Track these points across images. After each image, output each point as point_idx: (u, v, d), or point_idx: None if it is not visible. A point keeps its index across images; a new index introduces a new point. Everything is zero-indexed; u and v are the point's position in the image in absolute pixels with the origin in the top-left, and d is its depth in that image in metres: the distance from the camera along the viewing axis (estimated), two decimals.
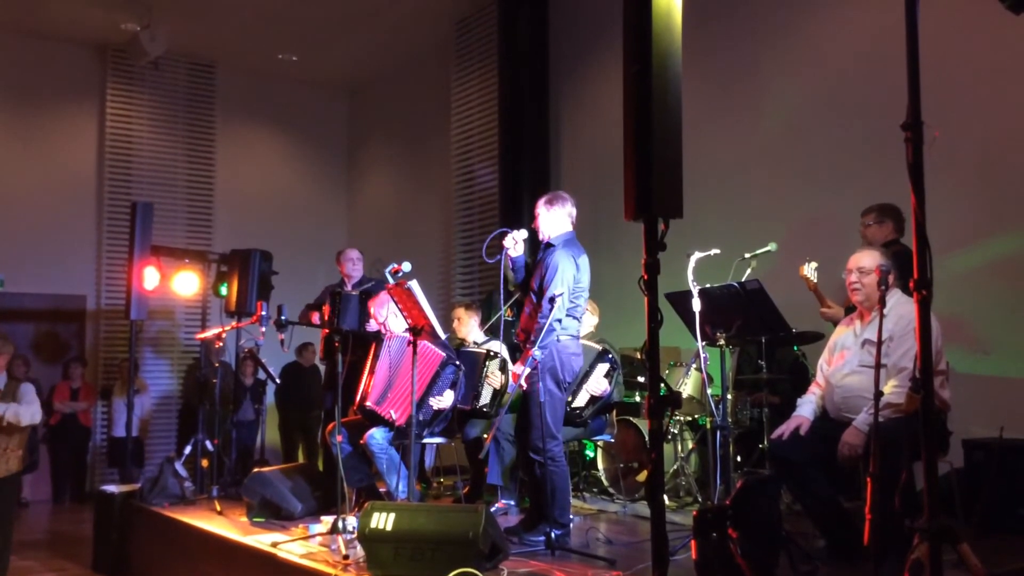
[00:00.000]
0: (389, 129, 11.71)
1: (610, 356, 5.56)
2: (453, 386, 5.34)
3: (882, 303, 3.31)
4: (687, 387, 6.06)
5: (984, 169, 5.81)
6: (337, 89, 12.19)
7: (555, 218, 4.78)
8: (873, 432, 3.05)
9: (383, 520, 3.91)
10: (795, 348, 6.02)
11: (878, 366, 3.05)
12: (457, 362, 5.33)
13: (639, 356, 6.33)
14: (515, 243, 4.65)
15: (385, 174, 11.88)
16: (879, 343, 3.09)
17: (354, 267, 6.65)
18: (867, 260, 4.10)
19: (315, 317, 6.41)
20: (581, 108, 8.72)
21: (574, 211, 4.86)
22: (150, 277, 7.25)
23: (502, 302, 4.84)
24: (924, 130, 2.73)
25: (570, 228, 4.81)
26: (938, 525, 2.57)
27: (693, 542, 3.67)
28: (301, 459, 9.48)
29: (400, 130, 11.49)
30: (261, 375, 8.57)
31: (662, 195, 2.68)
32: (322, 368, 7.72)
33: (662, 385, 2.73)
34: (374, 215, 11.87)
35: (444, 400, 5.33)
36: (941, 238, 5.73)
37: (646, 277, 2.69)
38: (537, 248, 4.86)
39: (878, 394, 3.01)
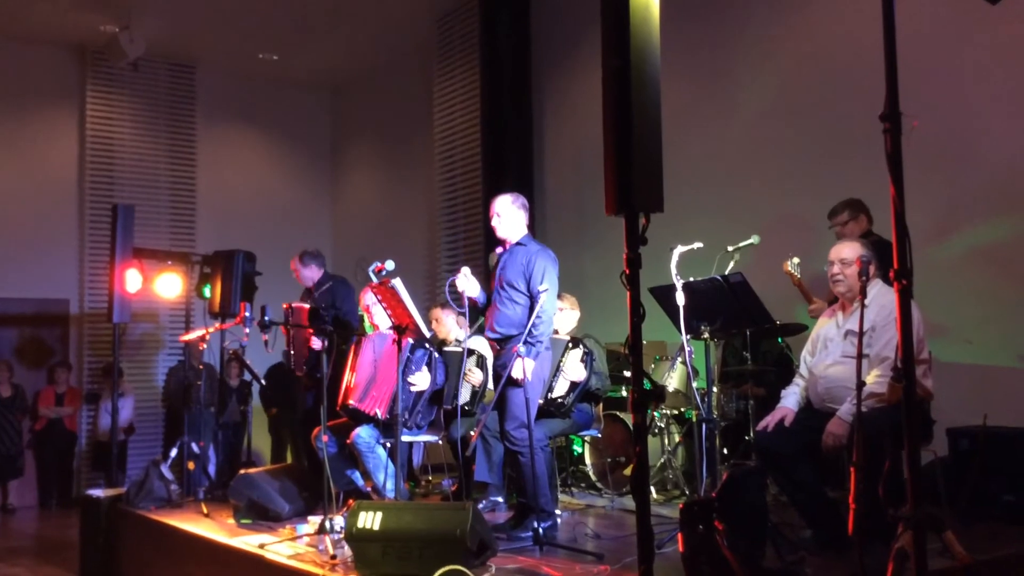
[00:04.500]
0: (372, 128, 11.68)
1: (581, 342, 5.57)
2: (428, 366, 5.33)
3: (863, 294, 3.32)
4: (673, 381, 6.07)
5: (959, 160, 5.84)
6: (319, 88, 12.14)
7: (520, 219, 4.84)
8: (856, 422, 3.06)
9: (370, 519, 3.90)
10: (779, 340, 6.05)
11: (860, 356, 3.06)
12: (427, 345, 5.31)
13: (623, 350, 6.33)
14: (468, 281, 4.69)
15: (369, 173, 11.85)
16: (860, 333, 3.11)
17: (301, 276, 6.56)
18: (848, 251, 4.13)
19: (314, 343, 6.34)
20: (564, 104, 8.73)
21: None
22: (132, 280, 7.20)
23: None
24: (902, 120, 2.74)
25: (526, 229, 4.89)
26: (922, 513, 2.58)
27: (680, 535, 3.69)
28: (289, 460, 9.45)
29: (383, 128, 11.46)
30: (247, 376, 8.54)
31: (642, 190, 2.68)
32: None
33: (646, 379, 2.74)
34: (358, 214, 11.84)
35: (421, 380, 5.32)
36: (920, 229, 5.78)
37: (628, 271, 2.69)
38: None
39: (860, 384, 3.02)
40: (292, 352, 6.53)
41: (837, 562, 3.79)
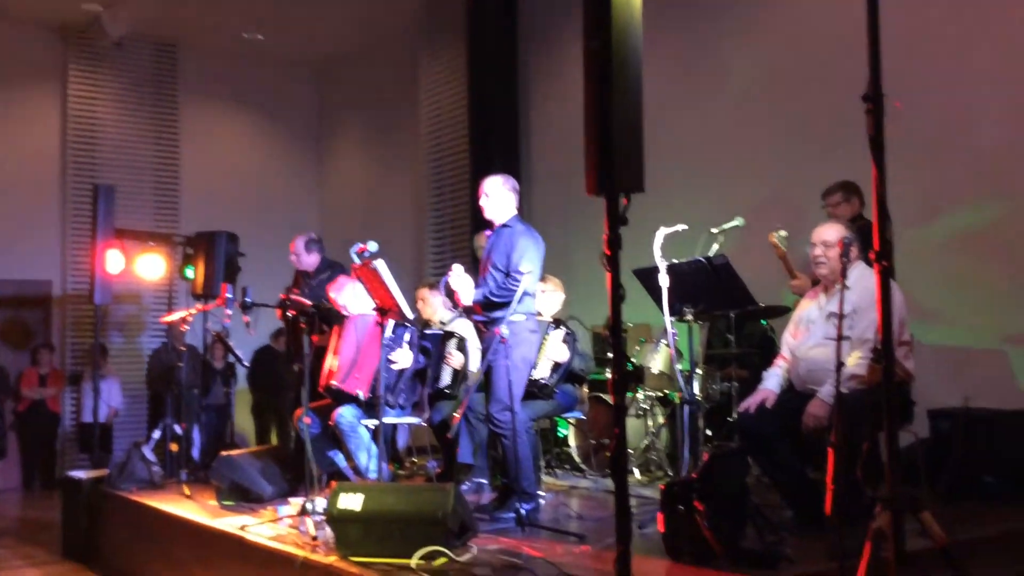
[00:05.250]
0: (358, 108, 11.60)
1: (563, 323, 5.57)
2: (410, 345, 5.32)
3: (844, 275, 3.32)
4: (657, 363, 6.08)
5: (942, 144, 5.85)
6: (304, 68, 12.04)
7: (509, 201, 4.81)
8: (836, 403, 3.07)
9: (351, 501, 3.89)
10: (763, 322, 6.06)
11: (840, 338, 3.06)
12: (408, 324, 5.29)
13: (604, 332, 6.34)
14: (460, 280, 4.68)
15: (355, 153, 11.79)
16: (840, 315, 3.11)
17: (300, 260, 6.40)
18: (830, 233, 4.12)
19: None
20: (551, 85, 8.69)
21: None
22: (114, 261, 7.15)
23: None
24: (885, 102, 2.73)
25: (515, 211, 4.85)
26: (899, 494, 2.59)
27: (660, 515, 3.70)
28: (274, 443, 9.44)
29: (370, 108, 11.39)
30: (231, 358, 8.51)
31: (623, 170, 2.67)
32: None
33: (627, 360, 2.73)
34: (345, 195, 11.78)
35: (402, 358, 5.31)
36: (904, 212, 5.79)
37: (608, 252, 2.68)
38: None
39: (839, 365, 3.03)
40: (292, 346, 6.50)
41: (817, 542, 3.79)
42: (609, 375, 6.38)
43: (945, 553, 2.70)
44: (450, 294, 4.76)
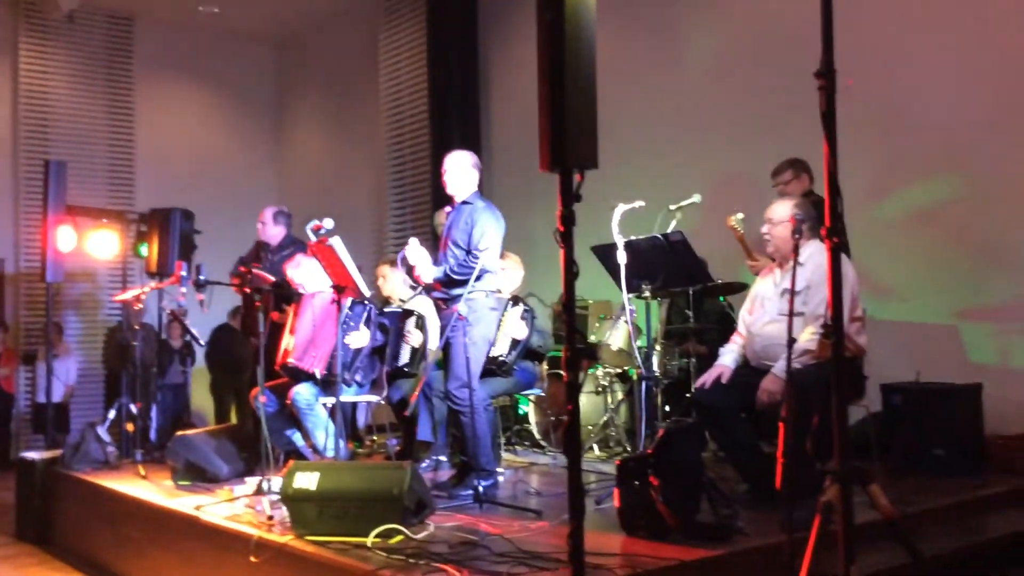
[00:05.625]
0: (317, 83, 11.47)
1: (520, 300, 5.57)
2: (367, 323, 5.29)
3: (796, 252, 3.34)
4: (616, 340, 6.09)
5: (895, 122, 5.91)
6: (262, 42, 11.86)
7: (471, 177, 4.79)
8: (787, 378, 3.10)
9: (307, 480, 3.86)
10: (721, 299, 6.09)
11: (791, 314, 3.09)
12: (366, 302, 5.26)
13: (557, 308, 6.34)
14: (417, 252, 4.65)
15: (315, 129, 11.65)
16: (792, 292, 3.13)
17: (265, 230, 6.32)
18: (779, 211, 4.16)
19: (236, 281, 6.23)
20: (512, 60, 8.64)
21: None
22: (65, 238, 7.01)
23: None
24: (837, 78, 2.74)
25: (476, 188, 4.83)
26: (848, 467, 2.62)
27: (616, 490, 3.73)
28: (233, 422, 9.36)
29: (329, 84, 11.26)
30: (189, 337, 8.40)
31: (576, 146, 2.65)
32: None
33: (579, 337, 2.73)
34: (304, 171, 11.66)
35: (360, 337, 5.27)
36: (858, 189, 5.86)
37: (561, 228, 2.66)
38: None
39: (791, 341, 3.05)
40: (247, 321, 6.43)
41: (771, 516, 3.84)
42: None
43: (892, 525, 2.74)
44: (409, 269, 4.72)
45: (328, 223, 4.50)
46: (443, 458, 5.65)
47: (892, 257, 5.84)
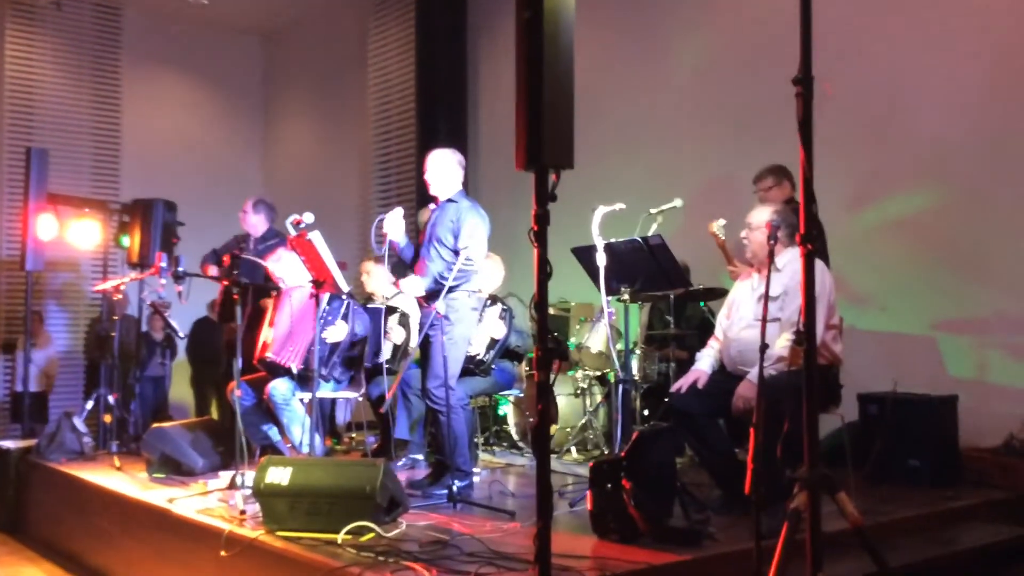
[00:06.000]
0: (305, 77, 11.43)
1: (499, 299, 5.56)
2: (344, 318, 5.27)
3: (771, 257, 3.35)
4: (596, 342, 6.09)
5: (877, 132, 5.93)
6: (250, 34, 11.82)
7: (454, 175, 4.76)
8: (759, 384, 3.10)
9: (279, 475, 3.85)
10: (702, 304, 6.10)
11: (764, 320, 3.09)
12: (344, 296, 5.24)
13: (530, 309, 6.33)
14: (395, 222, 4.59)
15: (301, 123, 11.62)
16: (766, 298, 3.14)
17: (246, 219, 6.33)
18: (757, 217, 4.16)
19: (210, 270, 6.20)
20: (499, 57, 8.63)
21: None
22: (46, 226, 6.97)
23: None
24: (815, 85, 2.75)
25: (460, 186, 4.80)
26: (816, 474, 2.62)
27: (589, 493, 3.72)
28: (214, 415, 9.32)
29: (316, 77, 11.22)
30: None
31: (552, 145, 2.65)
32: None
33: (552, 337, 2.73)
34: (290, 164, 11.62)
35: (337, 332, 5.26)
36: (840, 197, 5.89)
37: (536, 228, 2.66)
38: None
39: (763, 347, 3.06)
40: (222, 311, 6.41)
41: (743, 522, 3.85)
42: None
43: (859, 533, 2.75)
44: (380, 238, 4.61)
45: (308, 217, 4.48)
46: (419, 457, 5.64)
47: (873, 267, 5.85)
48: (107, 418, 6.62)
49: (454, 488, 4.40)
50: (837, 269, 4.91)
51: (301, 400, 5.21)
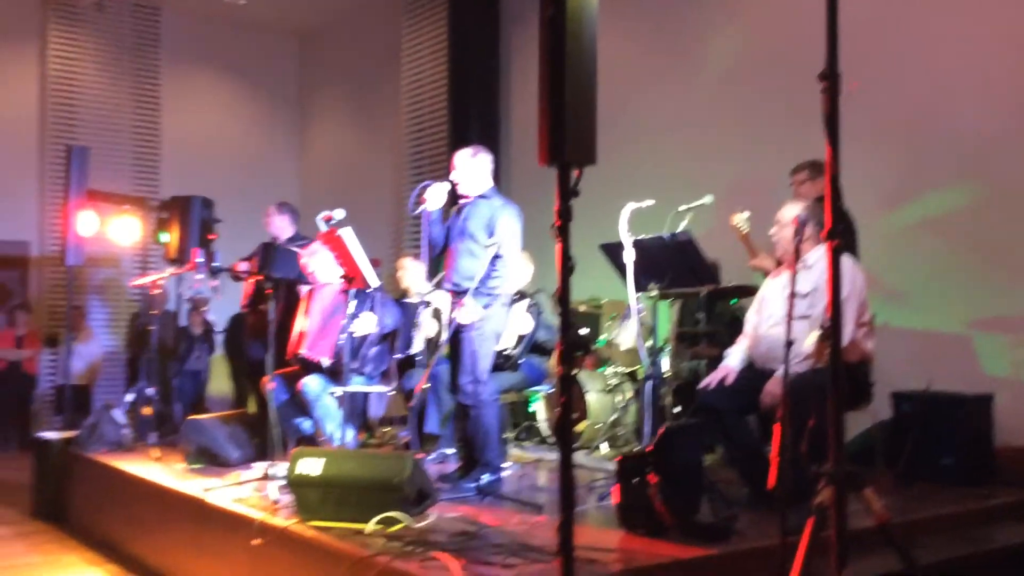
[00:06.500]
0: (339, 76, 11.53)
1: (526, 295, 5.57)
2: (371, 309, 5.31)
3: (797, 254, 3.33)
4: (627, 339, 6.09)
5: (918, 128, 5.86)
6: (286, 34, 11.96)
7: (481, 172, 4.77)
8: (785, 380, 3.09)
9: (311, 466, 3.92)
10: (733, 301, 6.08)
11: (790, 317, 3.08)
12: (369, 289, 5.28)
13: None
14: (438, 194, 4.62)
15: (336, 121, 11.73)
16: (792, 294, 3.13)
17: (272, 222, 6.41)
18: (786, 213, 4.14)
19: (240, 266, 6.28)
20: (531, 56, 8.58)
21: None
22: (86, 222, 7.12)
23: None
24: (841, 81, 2.74)
25: (491, 182, 4.81)
26: (841, 470, 2.62)
27: (616, 487, 3.74)
28: (252, 409, 9.43)
29: (351, 78, 11.32)
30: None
31: (575, 141, 2.66)
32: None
33: (574, 331, 2.75)
34: (325, 163, 11.74)
35: (365, 324, 5.30)
36: (878, 194, 5.83)
37: (559, 223, 2.68)
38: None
39: (789, 343, 3.05)
40: (251, 306, 6.50)
41: (771, 518, 3.84)
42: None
43: (884, 530, 2.74)
44: (418, 204, 4.65)
45: (339, 213, 4.54)
46: (450, 451, 5.68)
47: (908, 264, 5.79)
48: (146, 411, 6.75)
49: (484, 481, 4.44)
50: (871, 266, 4.87)
51: (332, 394, 5.27)
